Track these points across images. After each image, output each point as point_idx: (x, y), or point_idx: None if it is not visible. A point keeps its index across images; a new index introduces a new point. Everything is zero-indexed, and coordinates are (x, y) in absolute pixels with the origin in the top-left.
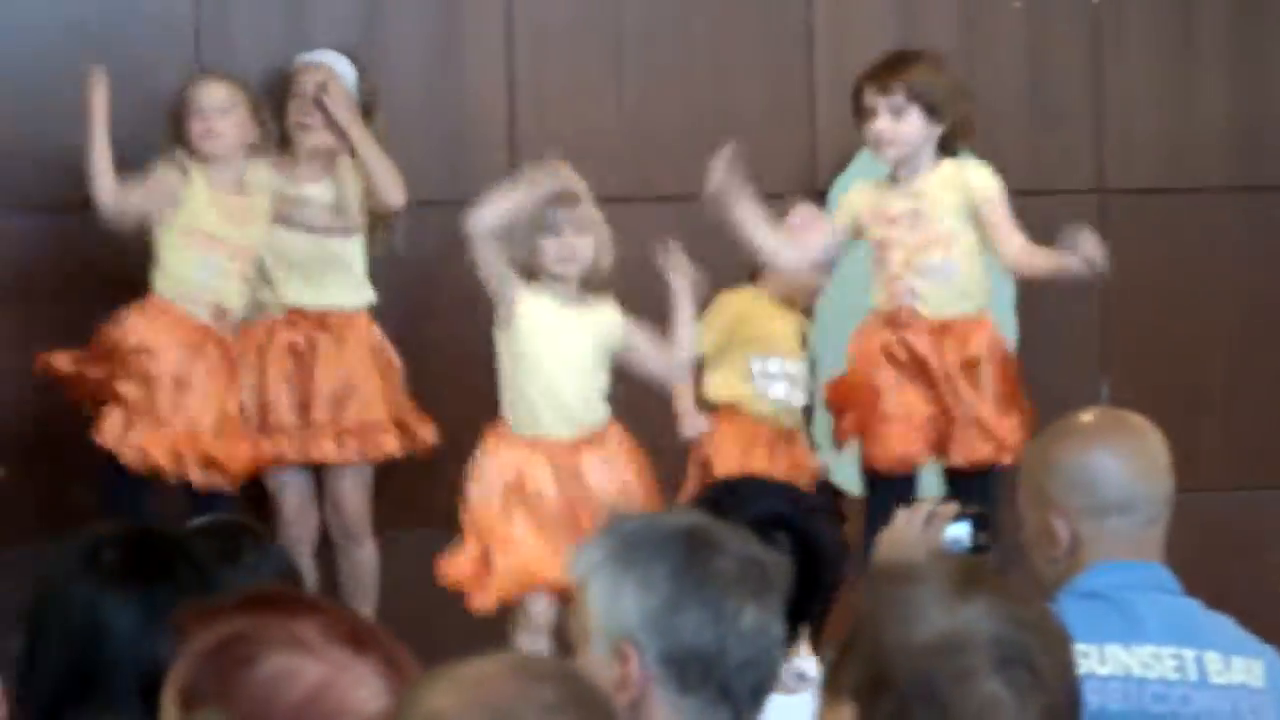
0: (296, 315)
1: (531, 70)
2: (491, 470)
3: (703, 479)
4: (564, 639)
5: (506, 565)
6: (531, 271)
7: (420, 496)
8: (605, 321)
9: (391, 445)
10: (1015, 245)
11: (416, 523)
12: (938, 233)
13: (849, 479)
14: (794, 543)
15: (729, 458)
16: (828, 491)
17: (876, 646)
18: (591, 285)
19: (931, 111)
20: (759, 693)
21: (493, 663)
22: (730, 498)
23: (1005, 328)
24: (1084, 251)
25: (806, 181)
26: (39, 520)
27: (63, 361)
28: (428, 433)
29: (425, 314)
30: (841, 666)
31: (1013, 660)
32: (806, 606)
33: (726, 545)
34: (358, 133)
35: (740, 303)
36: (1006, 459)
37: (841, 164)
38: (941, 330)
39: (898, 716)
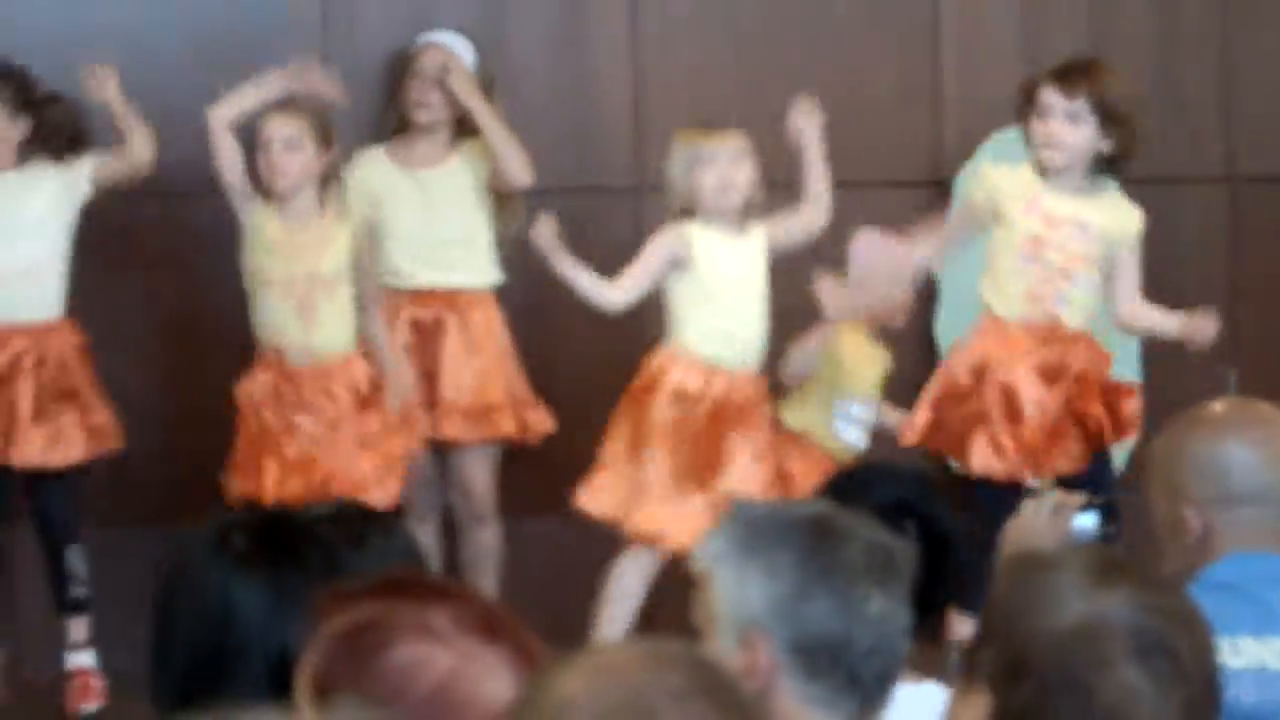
0: (425, 295)
1: (658, 57)
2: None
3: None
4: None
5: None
6: (690, 209)
7: (535, 484)
8: (760, 244)
9: (509, 427)
10: (1136, 298)
11: (533, 511)
12: (1094, 252)
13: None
14: (920, 530)
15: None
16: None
17: (1014, 634)
18: (748, 215)
19: (1106, 126)
20: (885, 680)
21: (624, 649)
22: (855, 484)
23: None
24: (1198, 328)
25: (931, 170)
26: (168, 503)
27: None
28: (543, 419)
29: (549, 301)
30: (977, 654)
31: (1152, 649)
32: (932, 594)
33: (852, 532)
34: (482, 110)
35: (846, 345)
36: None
37: (966, 153)
38: (1076, 340)
39: (1035, 704)
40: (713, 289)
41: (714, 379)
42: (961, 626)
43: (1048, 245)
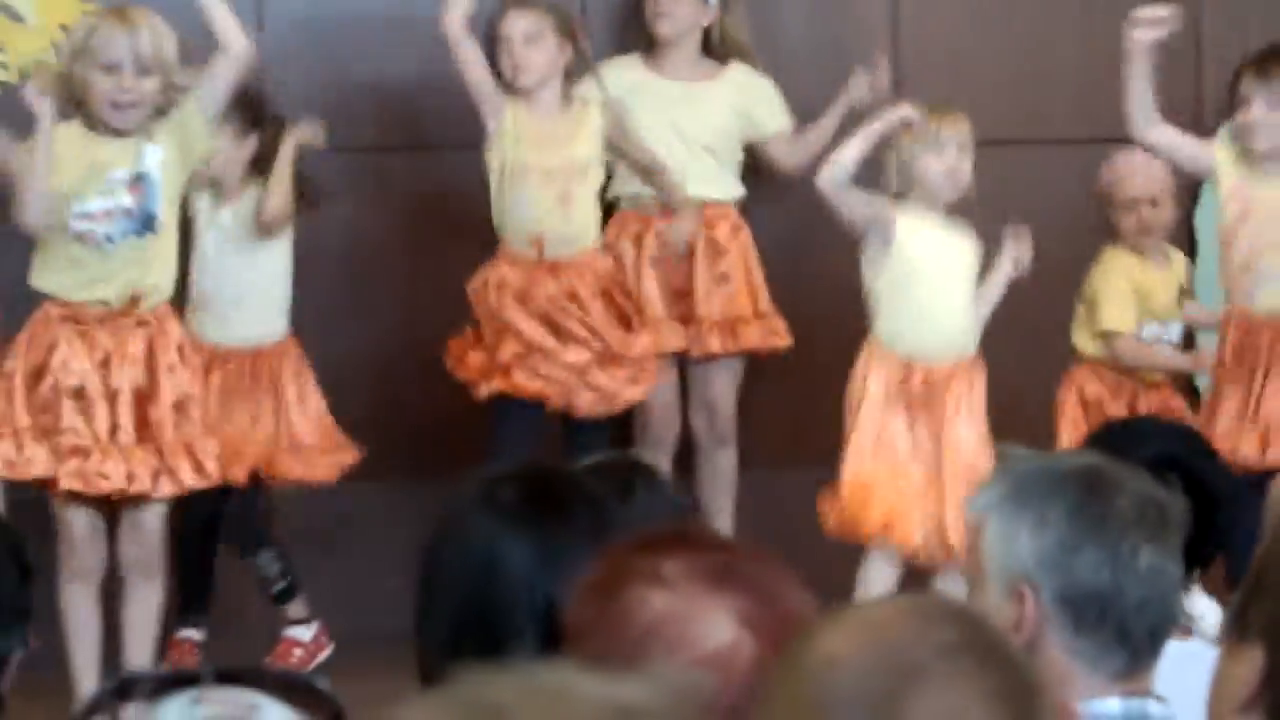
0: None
1: (916, 16)
2: (867, 390)
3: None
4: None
5: (877, 509)
6: (903, 190)
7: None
8: (970, 245)
9: (754, 339)
10: None
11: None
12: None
13: None
14: (1186, 484)
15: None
16: None
17: None
18: (958, 210)
19: None
20: (1156, 635)
21: (890, 604)
22: (1123, 438)
23: None
24: None
25: (1192, 123)
26: (428, 457)
27: (456, 359)
28: (783, 332)
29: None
30: (1248, 608)
31: None
32: (1199, 550)
33: (1124, 485)
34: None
35: (1123, 274)
36: None
37: (1227, 110)
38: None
39: None
40: (914, 277)
41: (913, 373)
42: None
43: (1239, 235)
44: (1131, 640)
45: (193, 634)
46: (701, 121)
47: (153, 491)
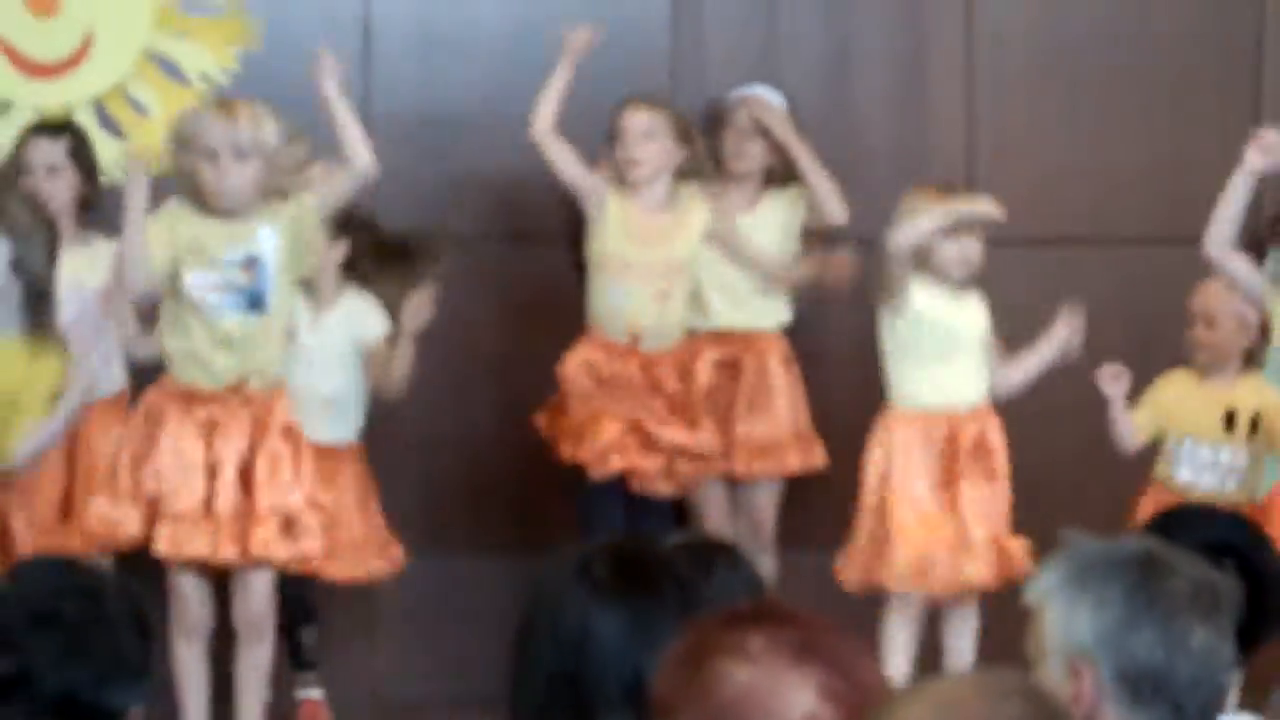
0: (725, 335)
1: (992, 113)
2: (882, 452)
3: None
4: None
5: (900, 559)
6: (920, 266)
7: (810, 517)
8: (980, 313)
9: (794, 463)
10: None
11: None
12: None
13: None
14: (1240, 570)
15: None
16: None
17: None
18: (968, 285)
19: None
20: (1208, 712)
21: (960, 680)
22: (1180, 524)
23: None
24: None
25: (1250, 231)
26: (520, 532)
27: (544, 423)
28: (821, 455)
29: (826, 343)
30: None
31: None
32: (1252, 633)
33: (1179, 568)
34: (804, 152)
35: (1170, 386)
36: None
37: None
38: None
39: None
40: (926, 343)
41: (934, 427)
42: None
43: None
44: (1185, 715)
45: (315, 694)
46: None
47: (244, 561)
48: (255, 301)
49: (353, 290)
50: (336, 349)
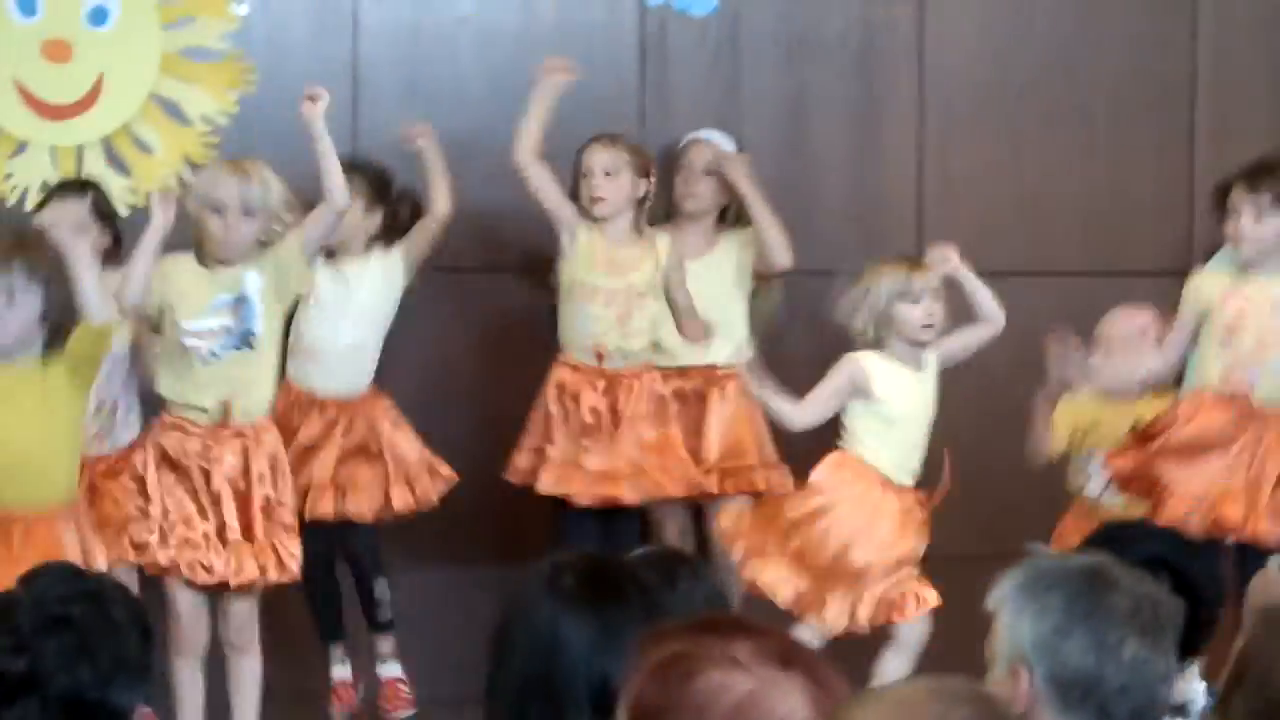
0: (689, 370)
1: (939, 156)
2: (845, 504)
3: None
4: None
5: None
6: (881, 337)
7: None
8: (933, 373)
9: (762, 483)
10: None
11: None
12: None
13: None
14: (1175, 583)
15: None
16: None
17: (1267, 680)
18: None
19: None
20: (1138, 718)
21: (913, 686)
22: (1119, 539)
23: None
24: None
25: (1183, 264)
26: (498, 546)
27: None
28: (785, 478)
29: (788, 376)
30: (1231, 696)
31: None
32: (1187, 641)
33: (1122, 584)
34: (754, 195)
35: (1077, 409)
36: None
37: (1213, 252)
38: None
39: None
40: (891, 420)
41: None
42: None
43: (1242, 330)
44: None
45: (344, 674)
46: (709, 296)
47: (251, 583)
48: (244, 338)
49: (380, 250)
50: (359, 303)
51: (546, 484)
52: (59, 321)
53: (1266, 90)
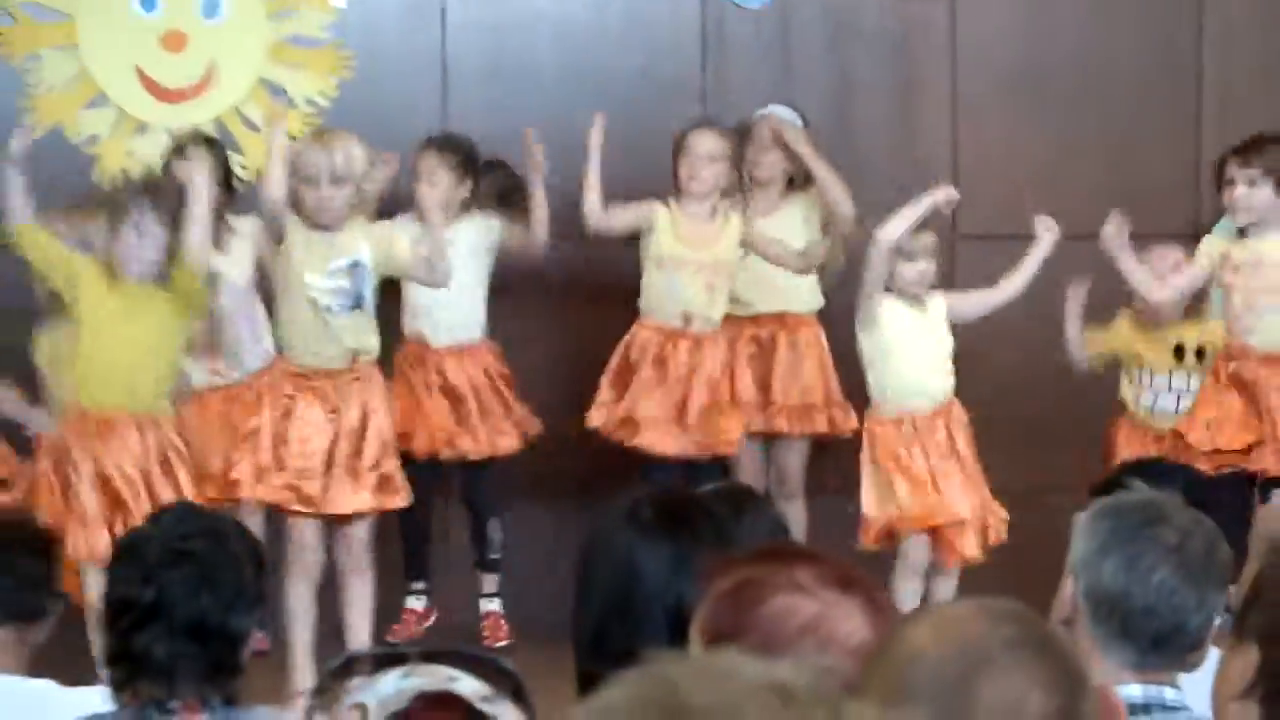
0: (762, 318)
1: (972, 131)
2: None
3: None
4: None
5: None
6: (889, 286)
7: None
8: (940, 309)
9: (824, 424)
10: None
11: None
12: (1273, 282)
13: None
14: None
15: (1122, 449)
16: None
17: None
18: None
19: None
20: (1161, 641)
21: (964, 606)
22: (1139, 475)
23: None
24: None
25: (1190, 228)
26: (583, 486)
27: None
28: (850, 419)
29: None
30: (1247, 615)
31: None
32: None
33: (1174, 521)
34: (816, 161)
35: (1118, 334)
36: None
37: (1219, 216)
38: (1269, 361)
39: None
40: (895, 349)
41: (905, 424)
42: None
43: (1234, 290)
44: (1135, 639)
45: (416, 605)
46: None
47: (363, 511)
48: (357, 300)
49: (471, 215)
50: (456, 262)
51: (626, 435)
52: (178, 254)
53: (1262, 77)
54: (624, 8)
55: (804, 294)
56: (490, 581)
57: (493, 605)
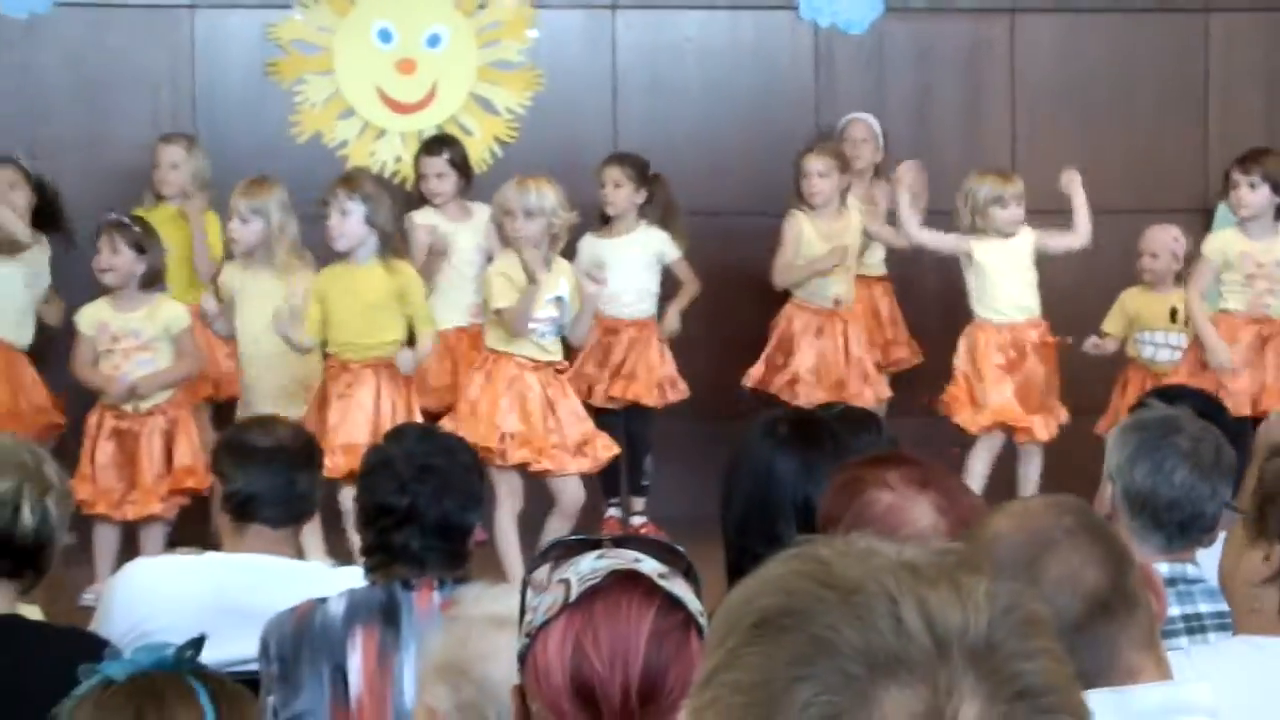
0: (868, 278)
1: (1027, 131)
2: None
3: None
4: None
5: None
6: (979, 226)
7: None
8: (1027, 243)
9: (898, 357)
10: None
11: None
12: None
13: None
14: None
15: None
16: None
17: None
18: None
19: (1276, 189)
20: (1186, 527)
21: (1035, 500)
22: (1166, 397)
23: None
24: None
25: (1199, 204)
26: (723, 406)
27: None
28: (917, 350)
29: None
30: (1265, 513)
31: None
32: None
33: (1188, 430)
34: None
35: (1130, 298)
36: None
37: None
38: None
39: None
40: (990, 275)
41: (1003, 333)
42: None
43: (1259, 279)
44: (1164, 527)
45: (615, 513)
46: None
47: (571, 470)
48: (559, 329)
49: (646, 225)
50: (629, 261)
51: (782, 390)
52: (387, 231)
53: (1259, 83)
54: (753, 35)
55: (877, 260)
56: (641, 501)
57: (642, 520)
